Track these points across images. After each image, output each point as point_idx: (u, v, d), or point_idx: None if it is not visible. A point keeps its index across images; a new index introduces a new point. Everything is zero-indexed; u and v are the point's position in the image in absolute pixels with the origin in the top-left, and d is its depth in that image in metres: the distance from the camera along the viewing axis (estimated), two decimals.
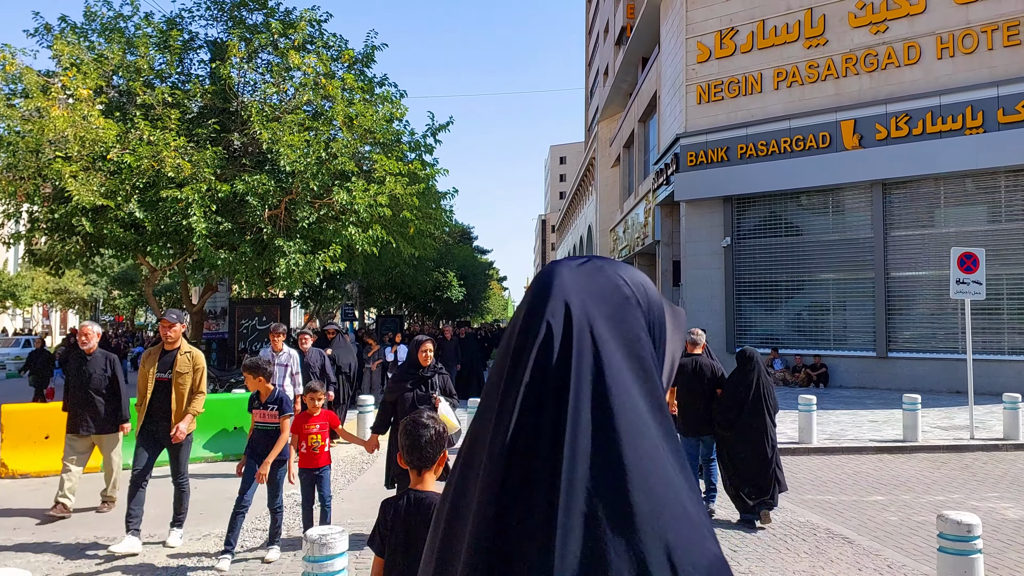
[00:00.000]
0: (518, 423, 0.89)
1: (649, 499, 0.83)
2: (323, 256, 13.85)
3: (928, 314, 18.30)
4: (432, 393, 6.04)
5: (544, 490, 0.84)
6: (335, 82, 14.84)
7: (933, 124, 17.69)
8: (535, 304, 0.97)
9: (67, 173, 12.80)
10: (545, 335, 0.93)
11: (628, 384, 0.91)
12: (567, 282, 1.00)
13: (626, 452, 0.85)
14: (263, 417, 6.15)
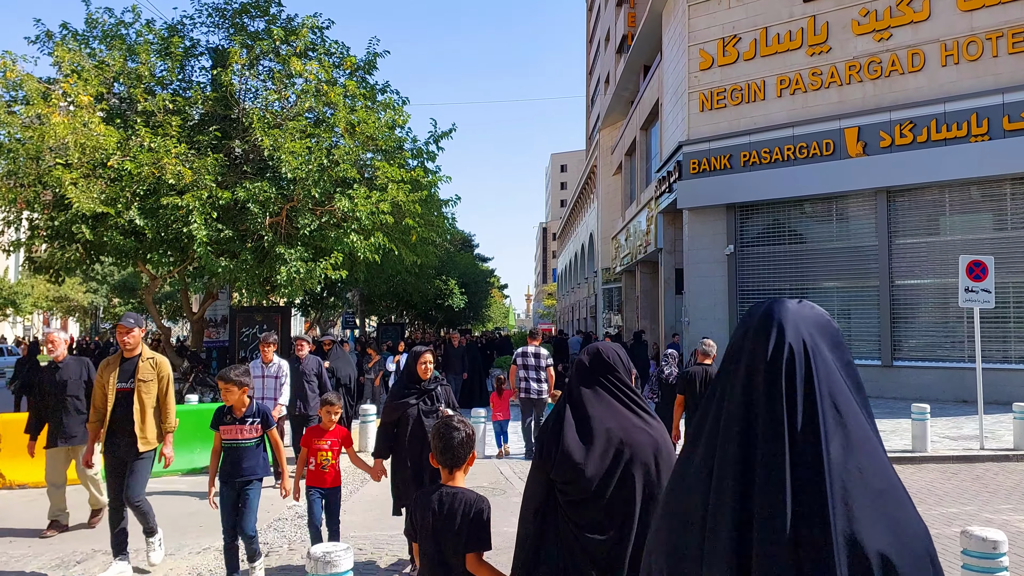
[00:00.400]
0: (769, 418, 1.26)
1: (882, 479, 1.23)
2: (324, 264, 13.75)
3: (933, 323, 18.18)
4: (438, 405, 5.73)
5: (811, 467, 1.22)
6: (337, 89, 14.78)
7: (938, 131, 17.59)
8: (768, 329, 1.36)
9: (67, 180, 12.72)
10: (789, 354, 1.32)
11: (850, 396, 1.32)
12: (795, 316, 1.38)
13: (861, 445, 1.24)
14: (241, 433, 5.43)
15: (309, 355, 10.17)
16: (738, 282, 21.06)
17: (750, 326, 1.44)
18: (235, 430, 5.43)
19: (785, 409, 1.27)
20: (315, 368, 10.04)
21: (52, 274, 15.47)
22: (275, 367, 9.10)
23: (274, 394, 8.93)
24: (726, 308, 21.09)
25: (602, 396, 2.69)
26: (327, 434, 5.79)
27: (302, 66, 14.50)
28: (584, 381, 2.74)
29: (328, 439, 5.77)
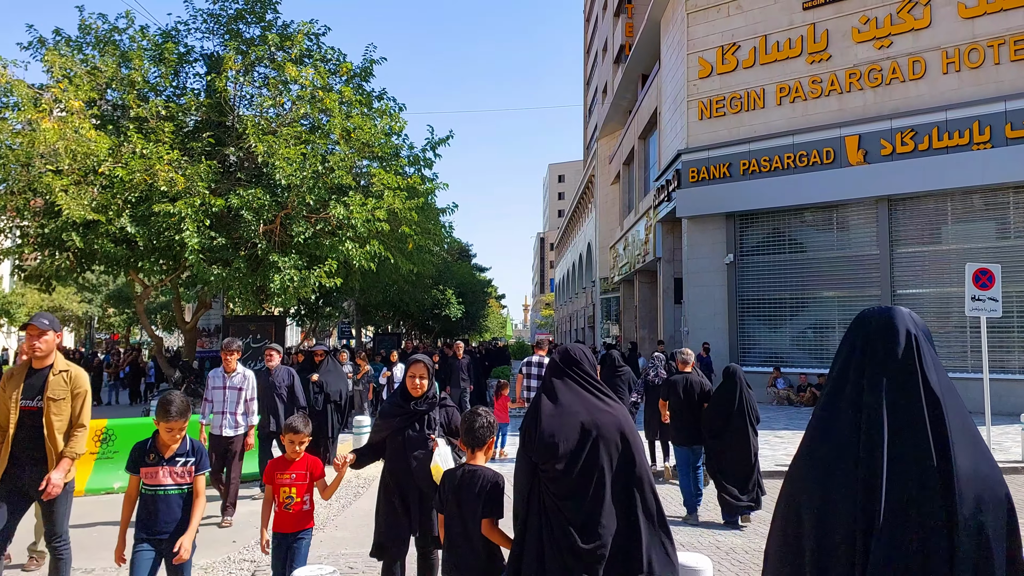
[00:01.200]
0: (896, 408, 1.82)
1: (975, 441, 1.80)
2: (318, 271, 13.52)
3: (935, 333, 17.95)
4: (429, 433, 4.65)
5: (936, 429, 1.77)
6: (333, 95, 14.59)
7: (939, 139, 17.44)
8: (894, 324, 1.91)
9: (57, 187, 12.50)
10: (906, 342, 1.87)
11: (947, 377, 1.86)
12: (908, 318, 1.93)
13: (962, 413, 1.81)
14: (170, 476, 4.29)
15: (280, 366, 9.32)
16: (738, 291, 20.86)
17: (871, 329, 1.97)
18: (165, 472, 4.29)
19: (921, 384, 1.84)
20: (286, 379, 9.18)
21: (42, 283, 15.21)
22: (239, 377, 8.02)
23: (235, 407, 7.91)
24: (726, 317, 20.87)
25: (571, 386, 3.18)
26: (292, 466, 4.72)
27: (297, 72, 14.31)
28: (556, 375, 3.24)
29: (292, 472, 4.70)
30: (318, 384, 10.19)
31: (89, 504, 8.67)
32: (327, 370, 10.68)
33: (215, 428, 7.98)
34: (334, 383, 10.60)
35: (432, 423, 4.72)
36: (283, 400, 9.10)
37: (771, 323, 20.57)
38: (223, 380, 8.02)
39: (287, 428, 4.75)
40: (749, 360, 20.62)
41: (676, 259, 24.16)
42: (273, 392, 9.06)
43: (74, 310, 47.25)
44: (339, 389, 10.64)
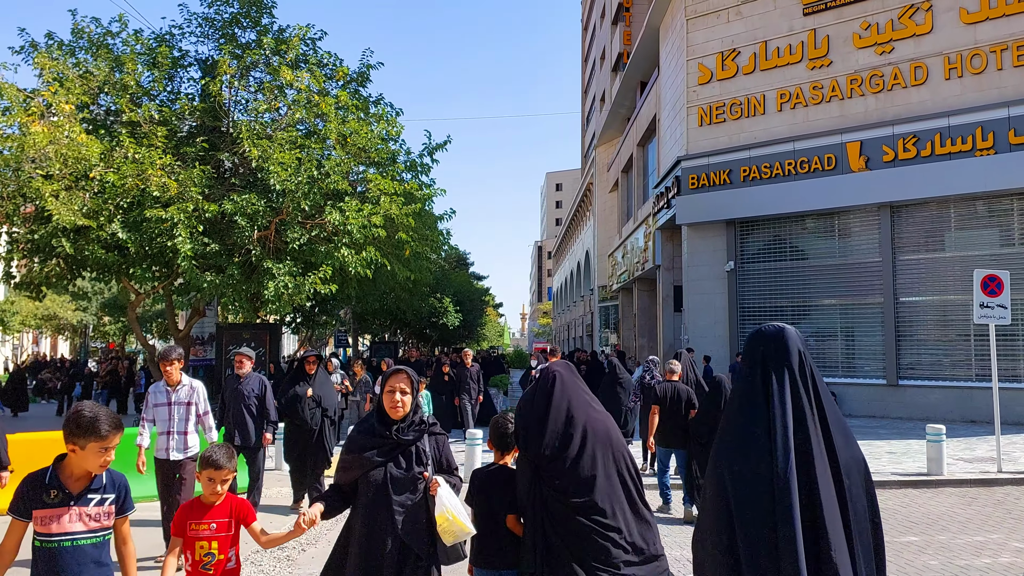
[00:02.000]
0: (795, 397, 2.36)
1: (853, 443, 2.40)
2: (313, 278, 13.26)
3: (940, 340, 17.75)
4: (418, 471, 3.56)
5: (812, 424, 2.32)
6: (329, 99, 14.37)
7: (942, 146, 17.27)
8: (784, 342, 2.45)
9: (48, 192, 12.25)
10: (798, 355, 2.42)
11: (822, 383, 2.43)
12: (797, 336, 2.46)
13: (835, 410, 2.41)
14: (80, 520, 3.09)
15: (252, 373, 8.47)
16: (739, 299, 20.63)
17: (769, 343, 2.47)
18: (67, 517, 3.07)
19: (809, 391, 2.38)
20: (256, 389, 8.33)
21: (33, 290, 14.94)
22: (185, 390, 6.85)
23: (183, 426, 6.80)
24: (726, 326, 20.64)
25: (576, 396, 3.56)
26: (211, 512, 3.66)
27: (293, 76, 14.08)
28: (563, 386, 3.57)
29: (212, 520, 3.63)
30: (314, 399, 9.00)
31: None
32: (322, 382, 9.39)
33: (159, 451, 6.80)
34: (329, 396, 9.38)
35: (423, 457, 3.61)
36: (251, 412, 8.28)
37: None
38: (167, 395, 6.85)
39: (203, 462, 3.65)
40: None
41: (676, 267, 23.95)
42: (241, 402, 8.25)
43: (68, 318, 46.88)
44: (332, 404, 9.37)
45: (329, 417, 9.26)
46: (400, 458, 3.58)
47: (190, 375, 7.21)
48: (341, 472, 3.63)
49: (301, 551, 7.23)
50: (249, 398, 8.28)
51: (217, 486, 3.67)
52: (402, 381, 3.63)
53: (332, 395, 9.52)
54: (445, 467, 3.77)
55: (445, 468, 3.77)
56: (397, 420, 3.62)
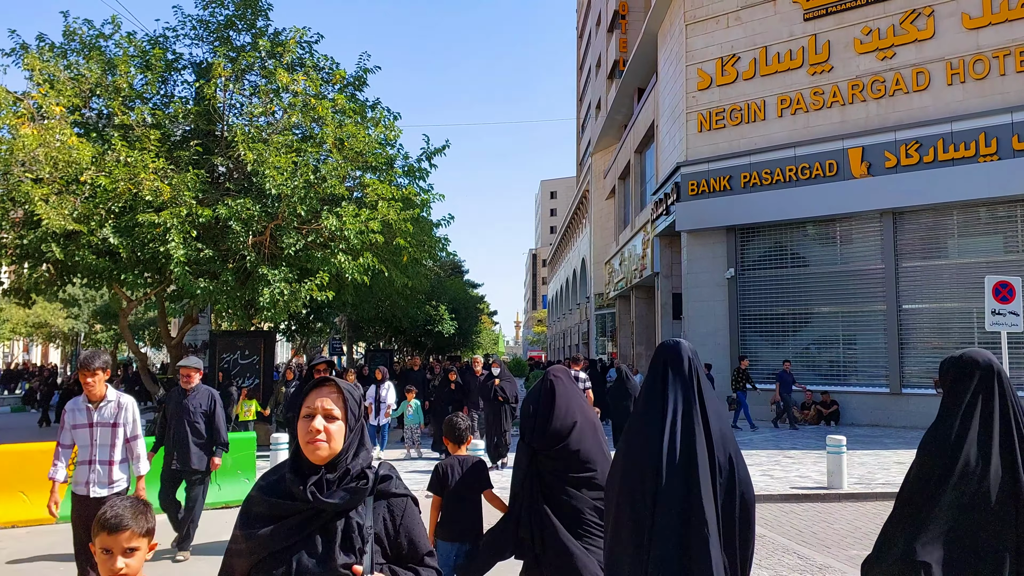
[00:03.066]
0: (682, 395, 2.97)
1: (726, 426, 2.95)
2: (310, 285, 12.97)
3: (943, 348, 17.54)
4: (345, 562, 2.06)
5: (695, 416, 2.90)
6: (325, 103, 14.12)
7: (945, 151, 17.11)
8: (679, 351, 3.05)
9: (37, 196, 11.95)
10: (688, 364, 3.02)
11: (709, 385, 3.05)
12: (688, 348, 3.07)
13: (715, 401, 3.00)
14: None
15: (200, 386, 7.38)
16: (739, 307, 20.42)
17: (668, 355, 3.09)
18: None
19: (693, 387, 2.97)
20: (204, 404, 7.28)
21: (22, 297, 14.62)
22: (110, 408, 5.54)
23: (108, 453, 5.46)
24: (727, 333, 20.41)
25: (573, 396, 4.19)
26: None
27: (289, 78, 13.82)
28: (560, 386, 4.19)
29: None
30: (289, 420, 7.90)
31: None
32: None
33: (77, 486, 5.43)
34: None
35: (356, 537, 2.12)
36: (198, 432, 7.18)
37: (773, 339, 20.12)
38: (87, 414, 5.47)
39: (96, 524, 2.32)
40: (752, 376, 20.11)
41: (675, 274, 23.74)
42: (185, 419, 7.15)
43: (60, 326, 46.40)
44: None
45: None
46: (318, 539, 2.10)
47: None
48: (232, 556, 2.17)
49: None
50: (195, 415, 7.20)
51: (116, 561, 2.29)
52: (328, 398, 2.20)
53: None
54: (406, 552, 2.23)
55: (406, 554, 2.23)
56: (318, 466, 2.16)
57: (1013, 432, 2.58)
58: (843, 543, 7.54)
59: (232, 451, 9.45)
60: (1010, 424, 2.61)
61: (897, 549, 2.67)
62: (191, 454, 7.16)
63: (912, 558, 2.58)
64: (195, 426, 7.19)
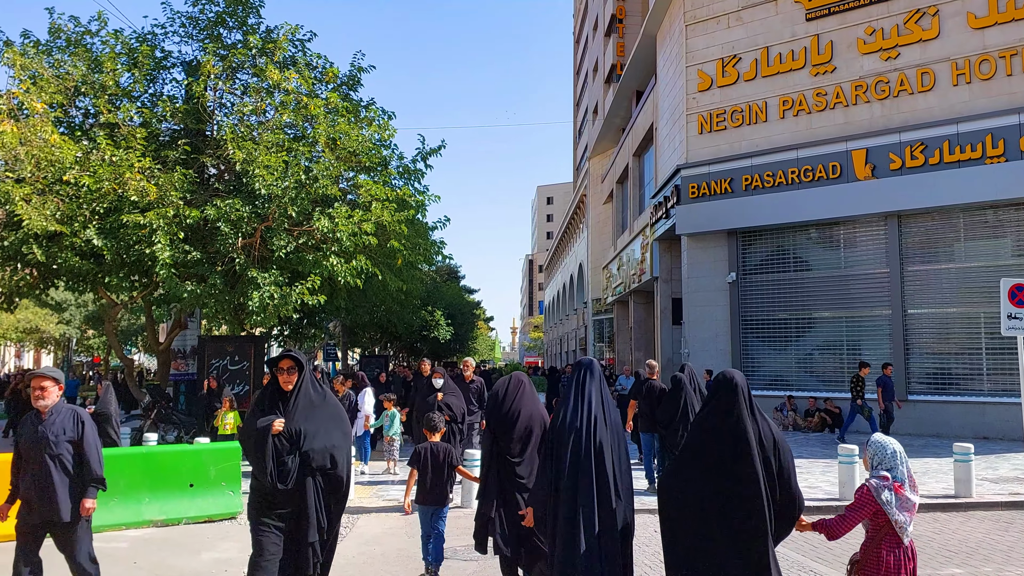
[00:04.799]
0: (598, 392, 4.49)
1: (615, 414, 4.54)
2: (301, 288, 12.55)
3: (950, 354, 17.16)
4: None
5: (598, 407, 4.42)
6: (318, 101, 13.71)
7: (951, 153, 16.77)
8: (592, 366, 4.56)
9: (18, 196, 11.53)
10: (599, 375, 4.56)
11: (607, 391, 4.61)
12: (596, 363, 4.62)
13: (612, 403, 4.56)
14: None
15: (60, 405, 5.35)
16: (741, 311, 20.02)
17: (584, 367, 4.55)
18: None
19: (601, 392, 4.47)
20: (68, 430, 5.28)
21: (3, 300, 14.16)
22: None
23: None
24: (728, 339, 20.02)
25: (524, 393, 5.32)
26: None
27: (280, 75, 13.41)
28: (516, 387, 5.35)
29: None
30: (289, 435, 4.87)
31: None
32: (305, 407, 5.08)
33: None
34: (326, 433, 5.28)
35: None
36: (63, 467, 5.21)
37: (776, 344, 19.73)
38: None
39: None
40: (753, 383, 19.71)
41: (674, 278, 23.36)
42: (44, 452, 5.18)
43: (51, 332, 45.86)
44: (326, 447, 4.84)
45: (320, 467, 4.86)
46: None
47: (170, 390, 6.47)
48: None
49: None
50: (57, 445, 5.21)
51: None
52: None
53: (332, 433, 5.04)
54: None
55: None
56: None
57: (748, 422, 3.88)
58: None
59: (216, 461, 9.03)
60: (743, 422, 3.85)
61: None
62: (57, 499, 5.14)
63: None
64: (60, 460, 5.21)
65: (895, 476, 3.93)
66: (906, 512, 3.88)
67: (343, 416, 5.06)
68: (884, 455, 3.97)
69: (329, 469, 4.73)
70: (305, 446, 4.65)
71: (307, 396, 4.80)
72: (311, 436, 4.67)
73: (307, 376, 4.85)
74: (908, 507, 3.89)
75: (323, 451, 4.70)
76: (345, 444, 4.91)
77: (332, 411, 4.93)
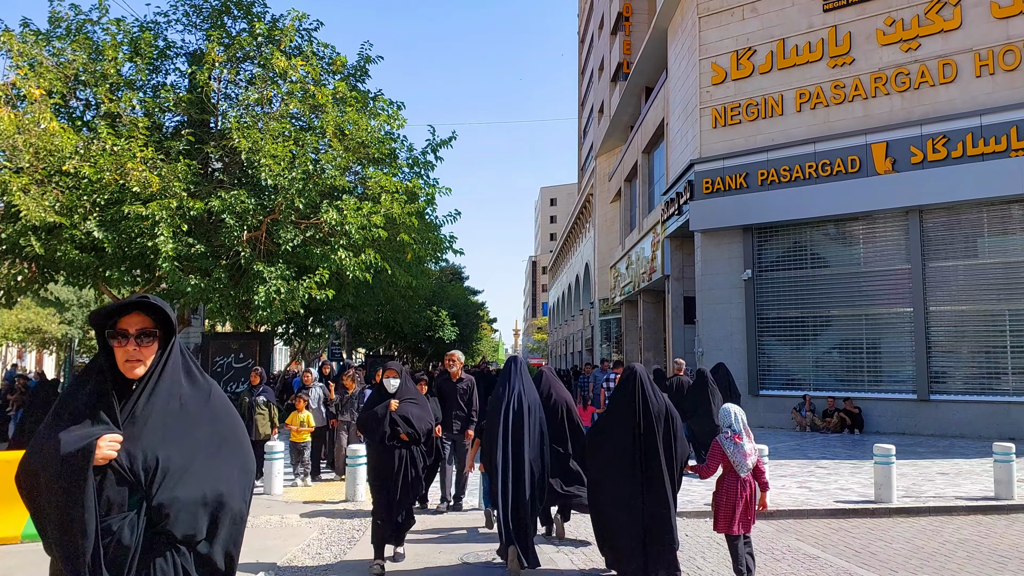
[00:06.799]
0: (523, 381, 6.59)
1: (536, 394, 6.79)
2: (308, 283, 12.13)
3: (974, 353, 16.69)
4: None
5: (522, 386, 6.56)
6: (325, 90, 13.31)
7: (974, 146, 16.30)
8: (520, 361, 6.80)
9: (16, 187, 11.14)
10: (524, 366, 6.79)
11: (528, 378, 6.73)
12: (521, 359, 6.91)
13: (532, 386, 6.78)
14: None
15: None
16: (756, 309, 19.55)
17: (513, 362, 6.82)
18: None
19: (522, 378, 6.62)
20: None
21: (2, 296, 13.75)
22: None
23: None
24: (743, 337, 19.55)
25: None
26: None
27: (286, 62, 13.00)
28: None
29: None
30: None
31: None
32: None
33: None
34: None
35: None
36: None
37: (793, 343, 19.26)
38: None
39: None
40: (769, 382, 19.29)
41: (686, 276, 22.90)
42: None
43: (53, 332, 45.46)
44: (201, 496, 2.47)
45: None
46: None
47: None
48: None
49: None
50: None
51: None
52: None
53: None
54: None
55: None
56: None
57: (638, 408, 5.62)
58: (908, 566, 6.67)
59: None
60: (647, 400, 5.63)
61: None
62: None
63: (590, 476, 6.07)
64: None
65: (733, 430, 5.73)
66: (741, 455, 5.65)
67: (240, 435, 2.60)
68: (729, 418, 5.79)
69: (200, 543, 2.41)
70: (160, 494, 2.31)
71: (169, 392, 2.43)
72: (174, 474, 2.34)
73: (175, 353, 2.48)
74: (743, 452, 5.65)
75: (192, 506, 2.36)
76: (239, 489, 2.52)
77: (221, 423, 2.54)
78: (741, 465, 5.60)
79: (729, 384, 13.78)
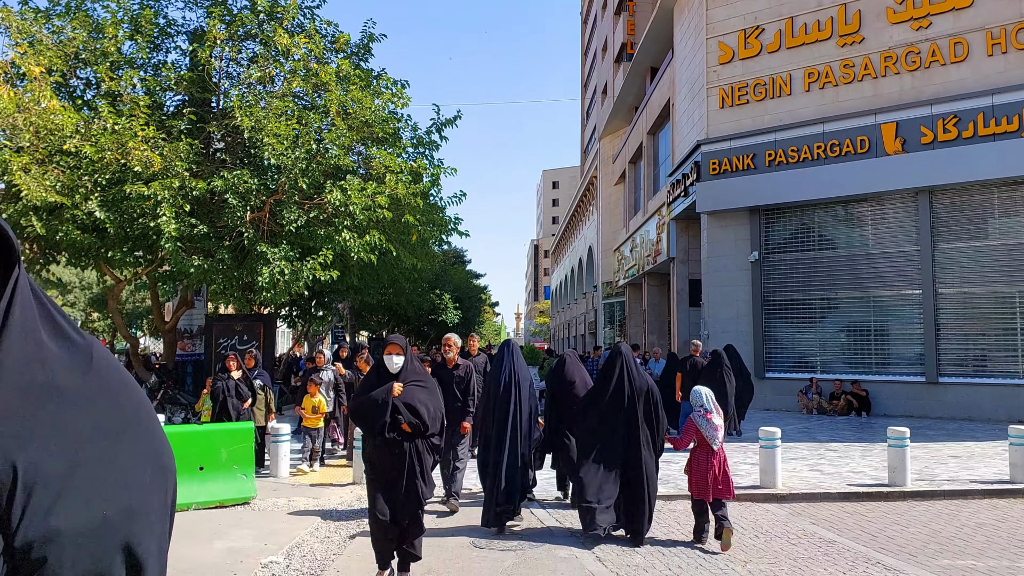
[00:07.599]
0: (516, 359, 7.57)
1: (527, 370, 7.80)
2: (312, 264, 11.98)
3: (983, 334, 16.55)
4: None
5: (516, 366, 7.50)
6: (328, 68, 13.09)
7: (985, 126, 16.08)
8: (513, 344, 7.73)
9: (16, 166, 10.97)
10: (517, 348, 7.78)
11: (520, 357, 7.69)
12: (514, 343, 7.82)
13: (524, 364, 7.74)
14: None
15: None
16: (763, 291, 19.40)
17: (507, 344, 7.76)
18: None
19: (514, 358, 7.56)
20: None
21: None
22: None
23: None
24: (750, 320, 19.42)
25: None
26: None
27: (289, 40, 12.78)
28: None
29: None
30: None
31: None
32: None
33: None
34: None
35: None
36: None
37: (800, 325, 19.12)
38: None
39: None
40: (775, 365, 19.17)
41: (692, 259, 22.75)
42: None
43: None
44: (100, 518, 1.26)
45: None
46: None
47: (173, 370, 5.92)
48: None
49: None
50: None
51: None
52: None
53: None
54: None
55: None
56: None
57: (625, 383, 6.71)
58: (927, 550, 6.57)
59: (228, 443, 8.50)
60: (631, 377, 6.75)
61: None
62: None
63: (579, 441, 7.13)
64: None
65: (705, 408, 6.54)
66: (712, 429, 6.45)
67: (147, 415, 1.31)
68: (700, 399, 6.63)
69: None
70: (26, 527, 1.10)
71: (25, 355, 1.15)
72: (47, 489, 1.13)
73: (23, 292, 1.21)
74: (714, 426, 6.46)
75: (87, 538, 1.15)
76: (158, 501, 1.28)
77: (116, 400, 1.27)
78: (713, 438, 6.44)
79: (740, 366, 13.77)
